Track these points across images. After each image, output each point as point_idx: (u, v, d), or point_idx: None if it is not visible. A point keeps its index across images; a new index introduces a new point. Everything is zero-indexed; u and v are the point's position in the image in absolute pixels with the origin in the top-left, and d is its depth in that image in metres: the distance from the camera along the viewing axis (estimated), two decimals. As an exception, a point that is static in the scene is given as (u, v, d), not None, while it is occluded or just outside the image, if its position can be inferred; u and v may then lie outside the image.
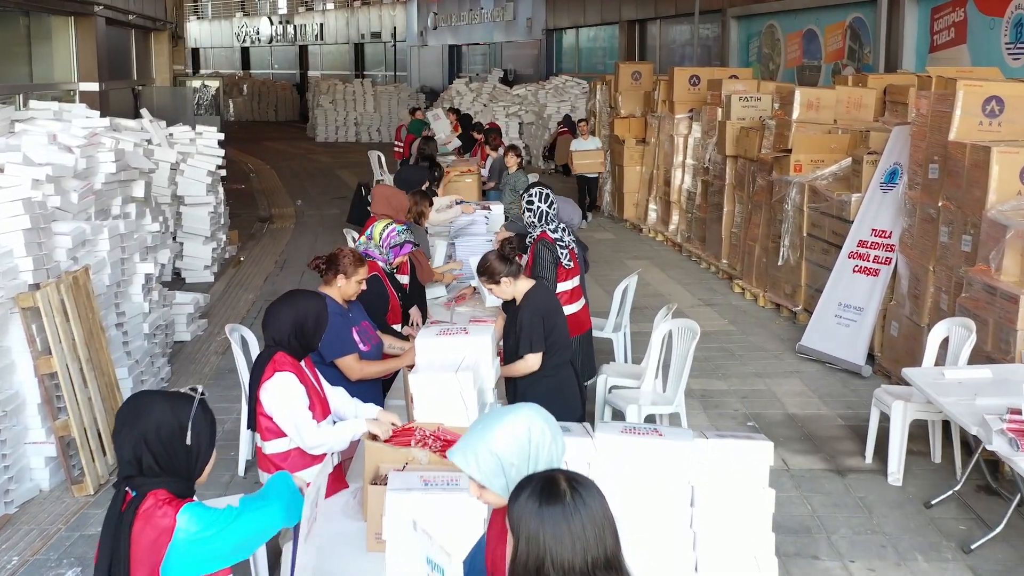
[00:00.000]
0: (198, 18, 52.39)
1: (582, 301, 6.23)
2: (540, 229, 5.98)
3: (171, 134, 11.39)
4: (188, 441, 2.80)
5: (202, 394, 2.87)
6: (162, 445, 2.78)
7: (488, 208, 8.04)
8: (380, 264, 5.22)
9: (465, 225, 8.00)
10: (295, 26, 45.57)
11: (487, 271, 4.88)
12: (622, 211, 14.59)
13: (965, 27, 11.67)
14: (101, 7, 11.58)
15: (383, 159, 16.70)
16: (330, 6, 42.71)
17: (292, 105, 39.73)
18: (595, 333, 6.74)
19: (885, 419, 5.87)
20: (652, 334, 6.14)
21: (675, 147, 13.04)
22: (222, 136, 11.69)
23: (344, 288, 4.57)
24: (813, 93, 9.76)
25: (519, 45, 29.57)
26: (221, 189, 11.61)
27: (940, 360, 5.98)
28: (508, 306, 4.99)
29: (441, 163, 10.94)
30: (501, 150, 11.57)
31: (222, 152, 11.41)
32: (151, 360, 7.26)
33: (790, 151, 9.40)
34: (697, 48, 16.87)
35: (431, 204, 7.16)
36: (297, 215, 15.95)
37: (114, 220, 6.97)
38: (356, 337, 4.55)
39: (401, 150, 15.20)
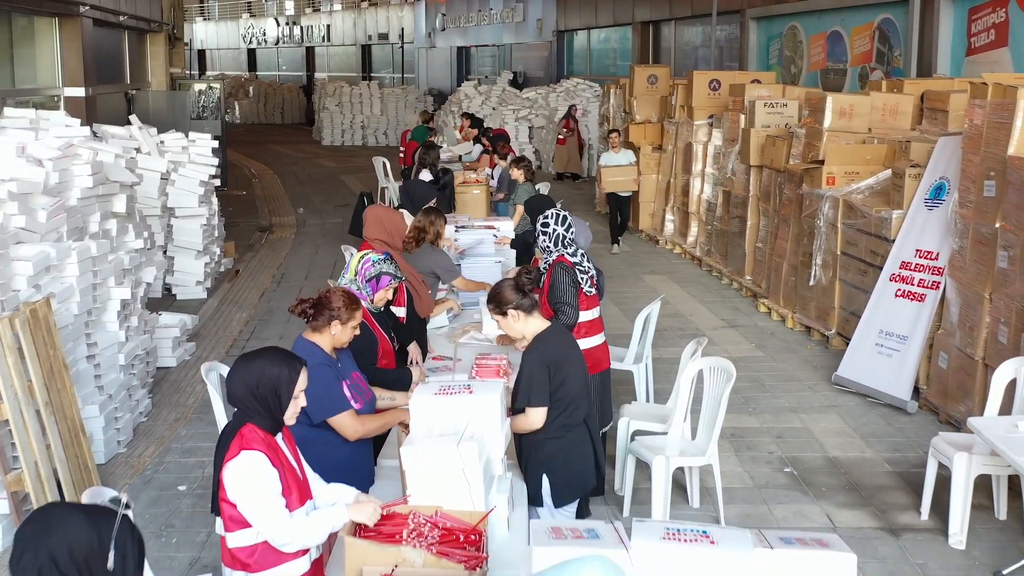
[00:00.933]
0: (204, 19, 51.94)
1: (601, 336, 5.59)
2: (557, 253, 5.35)
3: (162, 141, 10.78)
4: (110, 565, 2.18)
5: (127, 506, 2.23)
6: (76, 570, 2.16)
7: (494, 228, 7.39)
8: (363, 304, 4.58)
9: (472, 244, 7.35)
10: (302, 27, 45.04)
11: (495, 298, 4.23)
12: (637, 221, 13.93)
13: (1007, 28, 10.98)
14: (87, 7, 10.97)
15: (388, 165, 16.08)
16: (337, 7, 42.15)
17: (299, 107, 39.17)
18: (613, 364, 6.08)
19: (942, 468, 5.20)
20: (679, 375, 5.49)
21: (694, 155, 12.38)
22: (216, 143, 11.08)
23: (338, 336, 3.91)
24: (846, 100, 9.09)
25: (529, 47, 28.93)
26: (215, 199, 10.99)
27: (1005, 405, 5.30)
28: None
29: (448, 168, 10.27)
30: (510, 158, 10.94)
31: (216, 161, 10.79)
32: (128, 393, 6.64)
33: (822, 162, 8.74)
34: (714, 50, 16.21)
35: (446, 221, 6.53)
36: (298, 224, 15.34)
37: (86, 241, 6.34)
38: (347, 392, 3.90)
39: (404, 156, 14.59)
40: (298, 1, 45.20)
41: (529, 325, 4.18)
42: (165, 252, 10.35)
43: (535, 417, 3.99)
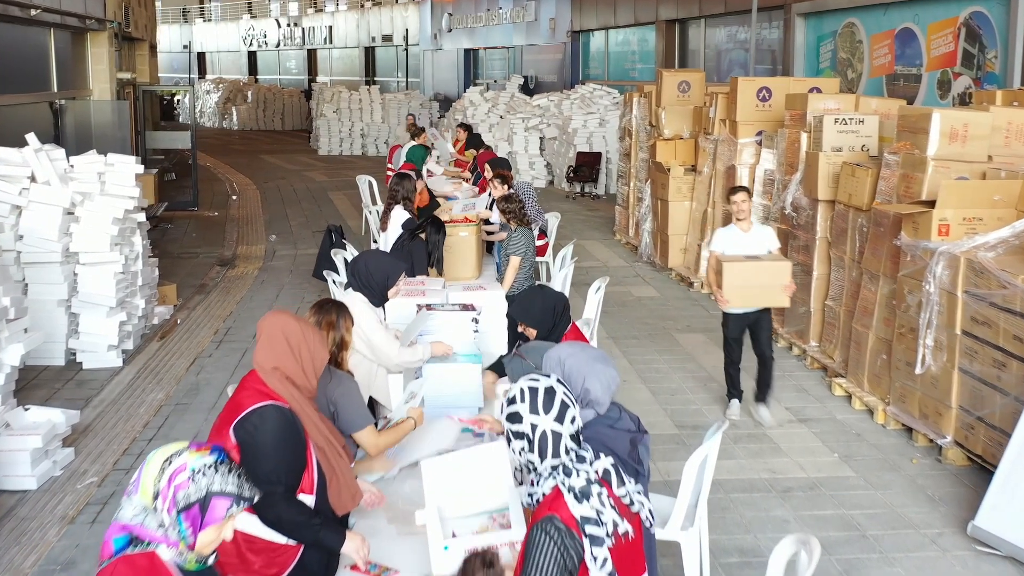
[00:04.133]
0: (204, 21, 49.93)
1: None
2: (552, 480, 2.81)
3: (72, 166, 8.56)
4: None
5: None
6: None
7: (474, 309, 5.05)
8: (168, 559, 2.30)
9: (431, 332, 5.05)
10: (303, 29, 42.90)
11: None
12: (666, 258, 11.60)
13: None
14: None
15: (375, 186, 13.84)
16: (343, 7, 39.96)
17: (300, 113, 37.08)
18: (656, 531, 3.75)
19: None
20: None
21: (737, 180, 10.05)
22: (140, 168, 8.82)
23: None
24: (959, 117, 6.74)
25: (541, 49, 26.60)
26: (139, 240, 8.73)
27: None
28: None
29: (439, 218, 7.88)
30: (491, 193, 8.67)
31: (136, 192, 8.55)
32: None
33: (930, 203, 6.41)
34: (753, 53, 13.89)
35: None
36: (266, 256, 13.08)
37: None
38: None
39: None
40: (301, 1, 43.08)
41: None
42: (70, 308, 8.14)
43: None
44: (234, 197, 18.93)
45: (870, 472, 6.06)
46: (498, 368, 4.95)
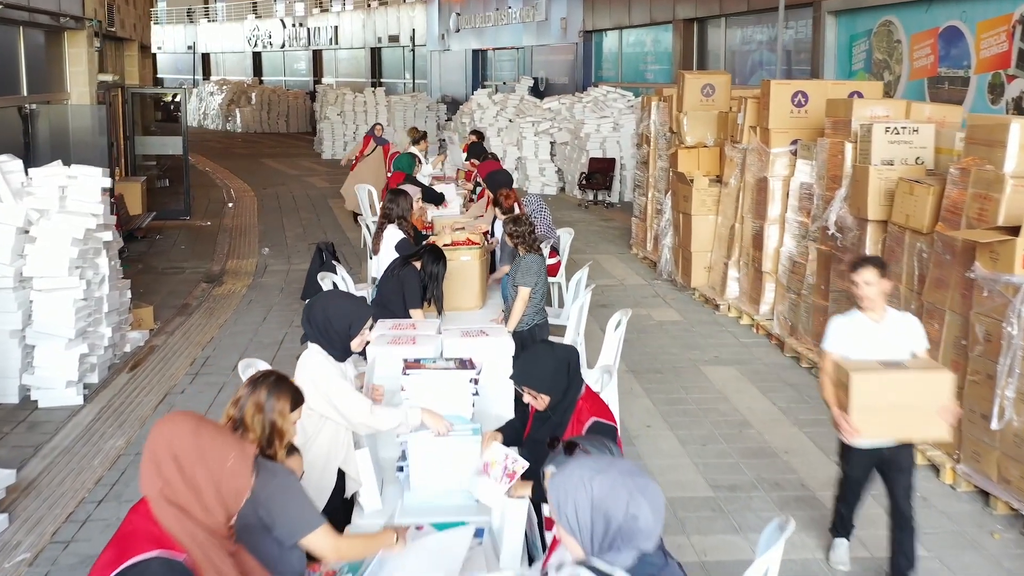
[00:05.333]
0: (209, 21, 49.18)
1: None
2: None
3: (31, 178, 7.68)
4: None
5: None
6: None
7: (473, 366, 4.11)
8: None
9: (418, 392, 4.13)
10: (308, 29, 42.07)
11: None
12: (688, 276, 10.65)
13: None
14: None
15: (375, 195, 12.93)
16: (348, 6, 39.10)
17: (305, 115, 36.26)
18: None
19: None
20: None
21: (769, 193, 9.12)
22: (107, 181, 7.92)
23: None
24: (1041, 128, 5.78)
25: (552, 50, 25.66)
26: (104, 261, 7.83)
27: None
28: None
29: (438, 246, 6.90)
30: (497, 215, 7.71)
31: (100, 208, 7.65)
32: None
33: (1013, 230, 5.46)
34: (780, 54, 12.93)
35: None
36: (257, 271, 12.18)
37: None
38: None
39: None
40: (307, 0, 42.24)
41: None
42: (24, 340, 7.26)
43: None
44: (230, 205, 18.06)
45: (945, 550, 5.11)
46: (508, 434, 4.00)
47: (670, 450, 6.37)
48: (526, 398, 3.75)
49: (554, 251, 9.34)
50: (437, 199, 9.88)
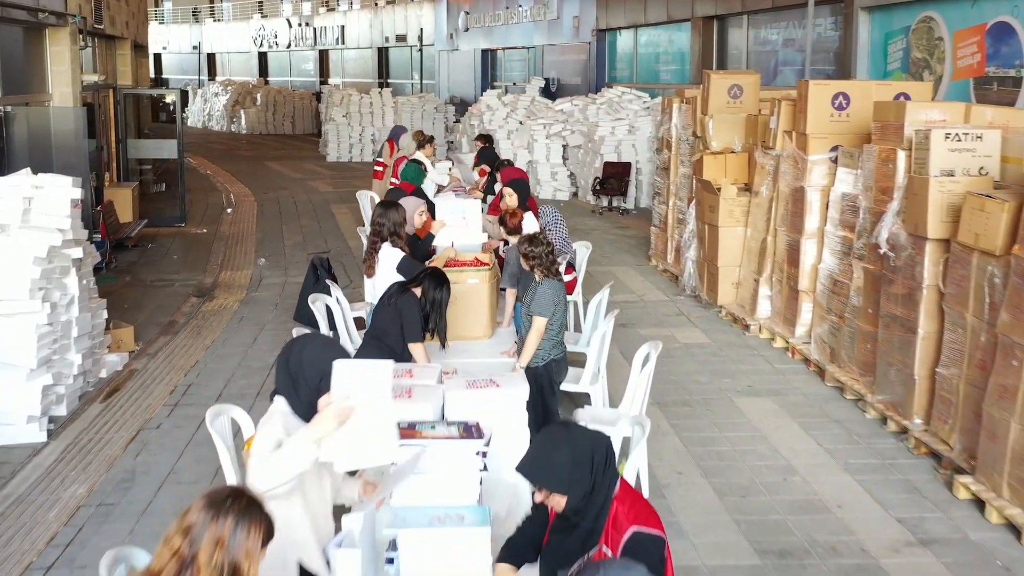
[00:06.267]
0: (215, 20, 48.53)
1: None
2: None
3: (-7, 190, 6.94)
4: None
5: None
6: None
7: (479, 435, 3.33)
8: None
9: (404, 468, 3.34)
10: (315, 29, 41.37)
11: None
12: (715, 293, 9.85)
13: None
14: None
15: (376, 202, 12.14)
16: (356, 5, 38.38)
17: (311, 116, 35.53)
18: None
19: None
20: None
21: (806, 205, 8.32)
22: (78, 193, 7.16)
23: None
24: None
25: (564, 49, 24.85)
26: (73, 281, 7.08)
27: None
28: None
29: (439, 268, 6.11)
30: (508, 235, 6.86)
31: (67, 223, 6.90)
32: None
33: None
34: (809, 53, 12.12)
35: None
36: (251, 284, 11.42)
37: None
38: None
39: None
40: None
41: None
42: (-19, 369, 6.51)
43: None
44: (228, 210, 17.32)
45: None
46: (520, 545, 3.13)
47: (706, 503, 5.58)
48: (538, 496, 2.94)
49: (570, 267, 8.56)
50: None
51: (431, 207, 8.22)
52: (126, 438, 6.65)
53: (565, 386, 5.97)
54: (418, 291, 5.36)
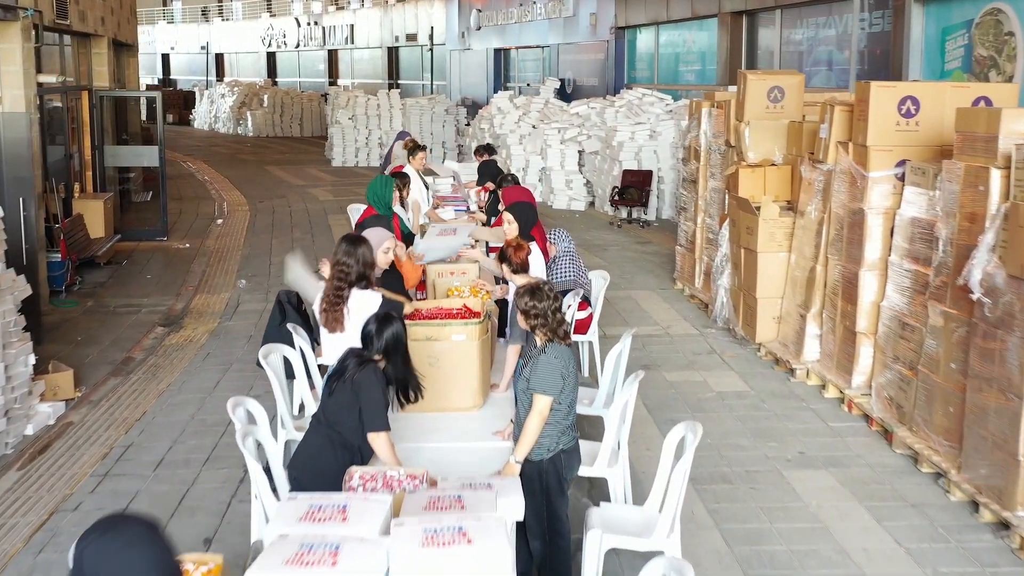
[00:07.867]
0: (223, 20, 47.51)
1: None
2: None
3: None
4: None
5: None
6: None
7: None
8: None
9: None
10: (324, 28, 40.23)
11: None
12: (752, 327, 8.51)
13: None
14: None
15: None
16: (366, 4, 37.19)
17: (319, 118, 34.39)
18: None
19: None
20: None
21: (866, 230, 6.98)
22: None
23: None
24: None
25: (580, 48, 23.52)
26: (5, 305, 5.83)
27: None
28: None
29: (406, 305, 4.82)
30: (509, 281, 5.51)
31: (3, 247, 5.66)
32: None
33: None
34: (854, 52, 10.77)
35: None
36: (226, 311, 10.17)
37: None
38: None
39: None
40: (323, -2, 40.45)
41: None
42: None
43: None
44: (218, 221, 16.13)
45: None
46: None
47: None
48: None
49: (585, 302, 7.26)
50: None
51: (407, 238, 6.87)
52: (34, 525, 5.38)
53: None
54: (382, 362, 4.07)
